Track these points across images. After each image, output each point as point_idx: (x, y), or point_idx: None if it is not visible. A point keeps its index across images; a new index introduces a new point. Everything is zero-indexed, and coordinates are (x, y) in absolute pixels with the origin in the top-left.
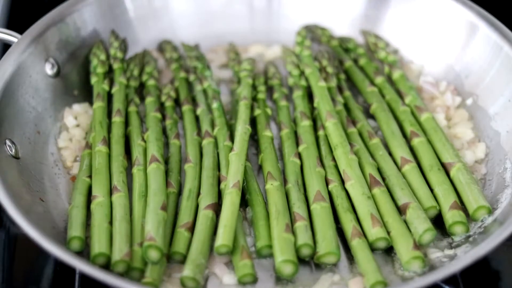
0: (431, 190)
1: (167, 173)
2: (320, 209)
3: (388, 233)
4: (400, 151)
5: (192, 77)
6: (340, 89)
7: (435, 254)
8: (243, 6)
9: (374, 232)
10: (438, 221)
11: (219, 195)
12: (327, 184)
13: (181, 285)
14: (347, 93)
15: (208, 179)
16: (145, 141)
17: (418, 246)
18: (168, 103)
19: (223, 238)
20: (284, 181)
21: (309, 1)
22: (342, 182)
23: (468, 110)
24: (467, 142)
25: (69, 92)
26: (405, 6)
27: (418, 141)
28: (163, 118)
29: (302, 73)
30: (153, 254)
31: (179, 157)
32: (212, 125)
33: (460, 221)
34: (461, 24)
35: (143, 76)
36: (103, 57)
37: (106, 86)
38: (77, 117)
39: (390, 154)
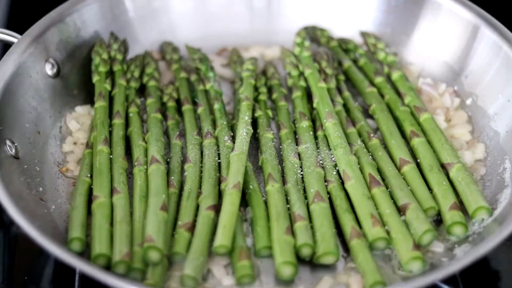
0: (431, 190)
1: (168, 173)
2: (319, 210)
3: (388, 233)
4: (399, 151)
5: (193, 77)
6: (339, 90)
7: (434, 254)
8: (243, 6)
9: (374, 232)
10: (437, 221)
11: (220, 195)
12: (326, 184)
13: (181, 284)
14: (346, 93)
15: (210, 179)
16: (146, 142)
17: (417, 246)
18: (170, 104)
19: (222, 239)
20: (284, 181)
21: (309, 2)
22: (341, 182)
23: (468, 111)
24: (467, 143)
25: (69, 92)
26: (404, 7)
27: (418, 141)
28: (165, 118)
29: (301, 73)
30: (153, 255)
31: (181, 158)
32: (213, 125)
33: (460, 222)
34: (461, 24)
35: (144, 77)
36: (105, 55)
37: (108, 86)
38: (79, 119)
39: (390, 154)
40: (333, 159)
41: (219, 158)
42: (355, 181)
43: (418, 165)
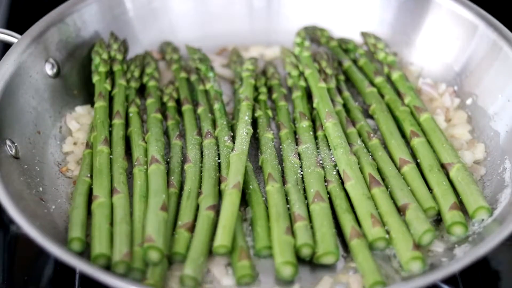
0: (431, 190)
1: (168, 173)
2: (319, 210)
3: (388, 233)
4: (399, 151)
5: (193, 77)
6: (339, 90)
7: (434, 254)
8: (243, 6)
9: (374, 232)
10: (437, 221)
11: (220, 195)
12: (326, 184)
13: (181, 284)
14: (346, 93)
15: (210, 179)
16: (146, 142)
17: (417, 246)
18: (170, 104)
19: (222, 239)
20: (284, 181)
21: (309, 2)
22: (341, 182)
23: (468, 111)
24: (466, 143)
25: (69, 92)
26: (404, 7)
27: (418, 141)
28: (165, 118)
29: (301, 73)
30: (153, 255)
31: (181, 158)
32: (213, 125)
33: (460, 222)
34: (461, 24)
35: (144, 77)
36: (105, 55)
37: (108, 86)
38: (79, 119)
39: (390, 154)
40: (333, 159)
41: (219, 158)
42: (355, 181)
43: (418, 165)
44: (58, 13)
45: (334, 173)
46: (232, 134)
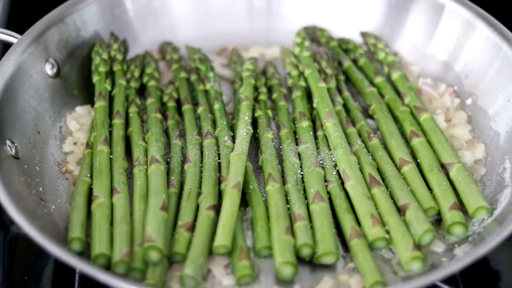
0: (431, 190)
1: (168, 173)
2: (319, 210)
3: (388, 233)
4: (399, 151)
5: (193, 77)
6: (339, 90)
7: (434, 254)
8: (243, 6)
9: (374, 232)
10: (437, 221)
11: (220, 195)
12: (326, 184)
13: (181, 284)
14: (346, 93)
15: (210, 179)
16: (146, 142)
17: (417, 246)
18: (170, 104)
19: (221, 239)
20: (284, 181)
21: (309, 2)
22: (341, 182)
23: (468, 111)
24: (466, 143)
25: (69, 92)
26: (404, 7)
27: (418, 141)
28: (165, 118)
29: (301, 73)
30: (154, 255)
31: (181, 158)
32: (213, 125)
33: (460, 222)
34: (461, 24)
35: (144, 77)
36: (105, 55)
37: (108, 86)
38: (79, 119)
39: (390, 154)
40: (333, 159)
41: (219, 158)
42: (355, 181)
43: (418, 165)
44: (58, 13)
45: (334, 173)
46: (232, 134)
